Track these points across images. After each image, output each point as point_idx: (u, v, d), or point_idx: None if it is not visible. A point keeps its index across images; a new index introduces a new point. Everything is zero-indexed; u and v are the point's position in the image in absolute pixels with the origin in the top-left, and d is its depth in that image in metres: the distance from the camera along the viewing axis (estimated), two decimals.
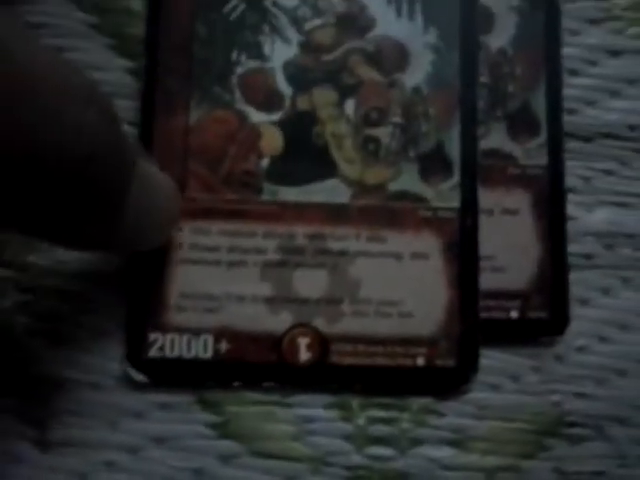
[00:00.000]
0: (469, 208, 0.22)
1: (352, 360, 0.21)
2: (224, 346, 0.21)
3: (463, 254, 0.22)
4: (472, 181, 0.22)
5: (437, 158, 0.22)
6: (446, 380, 0.22)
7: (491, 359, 0.22)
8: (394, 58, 0.23)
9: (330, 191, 0.22)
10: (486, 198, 0.22)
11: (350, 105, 0.22)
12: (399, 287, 0.22)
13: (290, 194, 0.22)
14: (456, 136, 0.22)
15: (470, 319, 0.22)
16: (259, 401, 0.21)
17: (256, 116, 0.22)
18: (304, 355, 0.21)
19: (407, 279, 0.22)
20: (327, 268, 0.22)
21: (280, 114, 0.22)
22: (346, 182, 0.22)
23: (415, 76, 0.23)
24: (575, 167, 0.23)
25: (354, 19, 0.23)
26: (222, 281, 0.21)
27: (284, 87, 0.22)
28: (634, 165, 0.24)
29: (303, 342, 0.21)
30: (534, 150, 0.23)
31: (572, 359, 0.22)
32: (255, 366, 0.21)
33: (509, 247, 0.22)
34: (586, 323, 0.23)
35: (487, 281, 0.22)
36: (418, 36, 0.23)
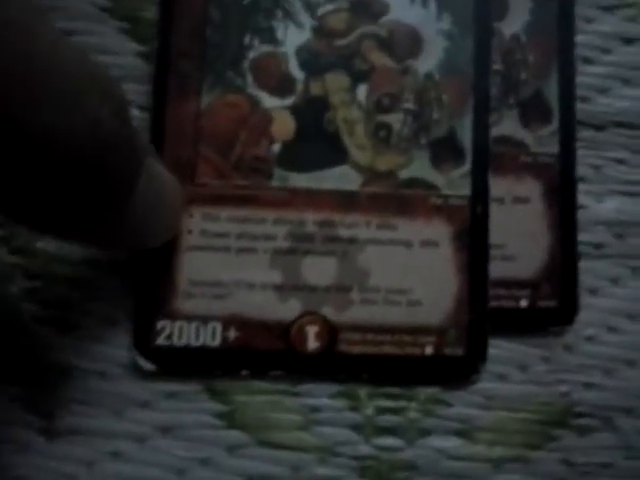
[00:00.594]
0: (480, 196, 0.22)
1: (360, 349, 0.21)
2: (232, 334, 0.21)
3: (473, 242, 0.22)
4: (483, 169, 0.22)
5: (449, 145, 0.22)
6: (454, 369, 0.21)
7: (499, 349, 0.22)
8: (407, 44, 0.23)
9: (341, 178, 0.22)
10: (497, 186, 0.22)
11: (362, 91, 0.22)
12: (408, 275, 0.22)
13: (300, 180, 0.22)
14: (468, 123, 0.22)
15: (479, 308, 0.21)
16: (267, 390, 0.21)
17: (268, 101, 0.22)
18: (312, 343, 0.21)
19: (417, 267, 0.22)
20: (336, 256, 0.21)
21: (292, 99, 0.22)
22: (357, 169, 0.22)
23: (428, 62, 0.22)
24: (586, 156, 0.23)
25: (367, 4, 0.23)
26: (231, 268, 0.21)
27: (297, 72, 0.22)
28: None
29: (311, 330, 0.21)
30: (546, 138, 0.23)
31: (581, 349, 0.22)
32: (263, 354, 0.21)
33: (519, 235, 0.22)
34: (595, 313, 0.23)
35: (497, 270, 0.22)
36: (431, 22, 0.23)
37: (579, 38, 0.23)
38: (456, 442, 0.22)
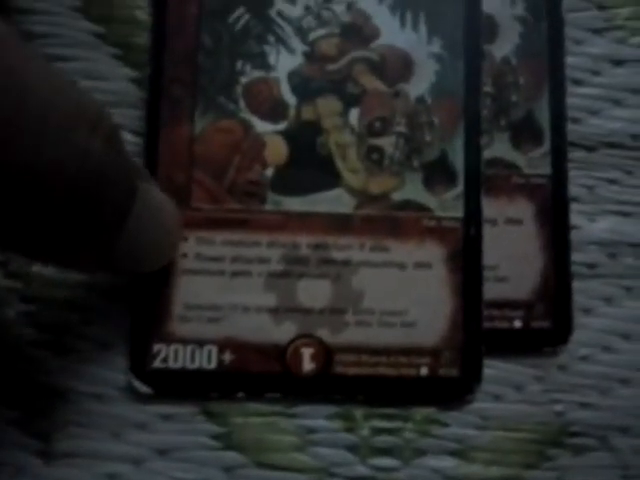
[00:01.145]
0: (473, 218, 0.22)
1: (356, 370, 0.21)
2: (228, 357, 0.21)
3: (467, 264, 0.22)
4: (476, 191, 0.22)
5: (441, 168, 0.22)
6: (449, 390, 0.22)
7: (494, 369, 0.22)
8: (398, 68, 0.23)
9: (334, 201, 0.22)
10: (490, 207, 0.22)
11: (354, 115, 0.22)
12: (402, 297, 0.22)
13: (294, 204, 0.22)
14: (460, 146, 0.22)
15: (473, 329, 0.22)
16: (263, 412, 0.21)
17: (261, 126, 0.22)
18: (308, 365, 0.21)
19: (410, 289, 0.22)
20: (331, 278, 0.22)
21: (285, 124, 0.22)
22: (350, 192, 0.22)
23: (419, 86, 0.23)
24: (579, 176, 0.23)
25: (358, 29, 0.23)
26: (226, 291, 0.21)
27: (289, 97, 0.22)
28: (637, 174, 0.24)
29: (307, 352, 0.21)
30: (537, 159, 0.23)
31: (575, 368, 0.22)
32: (259, 377, 0.21)
33: (512, 257, 0.22)
34: (589, 332, 0.23)
35: (490, 291, 0.22)
36: (422, 46, 0.23)
37: (569, 60, 0.24)
38: (452, 462, 0.22)
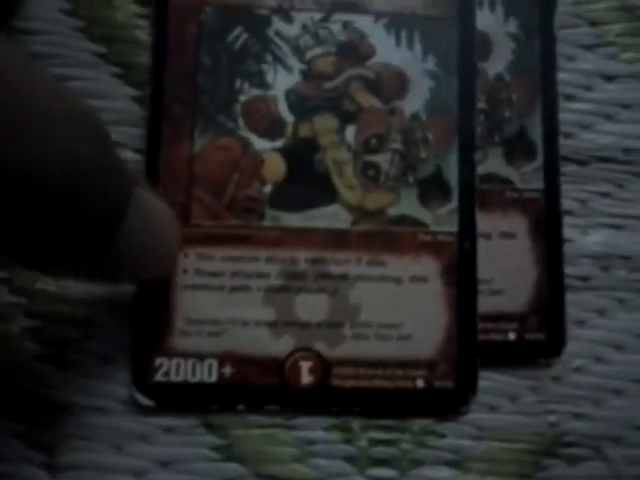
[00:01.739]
0: (467, 232, 0.23)
1: (353, 383, 0.22)
2: (228, 370, 0.22)
3: (461, 277, 0.22)
4: (470, 206, 0.23)
5: (436, 183, 0.23)
6: (445, 402, 0.22)
7: (489, 380, 0.22)
8: (393, 85, 0.23)
9: (331, 216, 0.22)
10: (484, 222, 0.23)
11: (350, 132, 0.23)
12: (399, 310, 0.22)
13: (292, 220, 0.22)
14: (454, 161, 0.23)
15: (468, 342, 0.22)
16: (262, 424, 0.22)
17: (259, 143, 0.23)
18: (306, 378, 0.22)
19: (406, 302, 0.22)
20: (328, 292, 0.22)
21: (282, 141, 0.23)
22: (347, 208, 0.23)
23: (414, 103, 0.23)
24: (571, 190, 0.24)
25: (354, 47, 0.23)
26: (226, 306, 0.22)
27: (286, 115, 0.23)
28: (629, 187, 0.24)
29: (305, 366, 0.22)
30: (530, 174, 0.23)
31: (569, 380, 0.23)
32: (258, 389, 0.22)
33: (506, 270, 0.23)
34: (583, 344, 0.23)
35: (485, 304, 0.22)
36: (417, 63, 0.23)
37: (561, 76, 0.24)
38: (448, 472, 0.22)
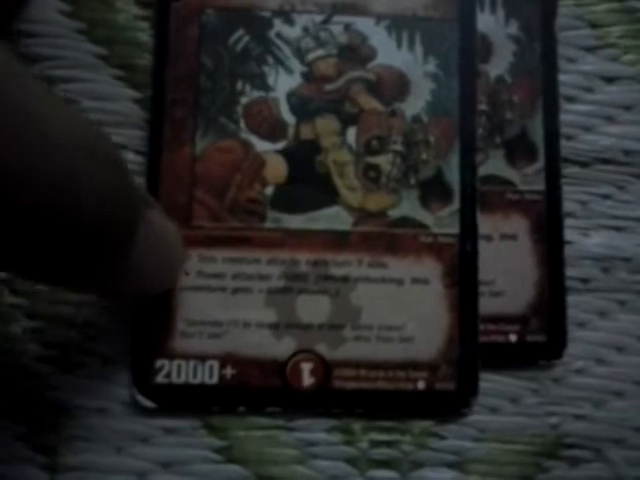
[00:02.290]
0: (469, 234, 0.23)
1: (354, 385, 0.22)
2: (229, 372, 0.22)
3: (463, 279, 0.22)
4: (471, 207, 0.23)
5: (437, 185, 0.23)
6: (446, 403, 0.22)
7: (491, 382, 0.22)
8: (394, 87, 0.23)
9: (332, 218, 0.22)
10: (485, 223, 0.23)
11: (352, 134, 0.23)
12: (400, 312, 0.22)
13: (293, 221, 0.22)
14: (455, 163, 0.23)
15: (470, 343, 0.22)
16: (264, 425, 0.22)
17: (260, 145, 0.23)
18: (307, 380, 0.22)
19: (408, 304, 0.22)
20: (329, 294, 0.22)
21: (284, 143, 0.23)
22: (348, 209, 0.23)
23: (415, 105, 0.23)
24: (573, 192, 0.24)
25: (355, 49, 0.23)
26: (227, 307, 0.22)
27: (288, 116, 0.23)
28: (630, 189, 0.24)
29: (306, 367, 0.22)
30: (532, 176, 0.23)
31: (570, 381, 0.23)
32: (260, 391, 0.22)
33: (508, 272, 0.23)
34: (584, 345, 0.23)
35: (486, 305, 0.22)
36: (418, 65, 0.23)
37: (562, 78, 0.24)
38: (449, 474, 0.22)
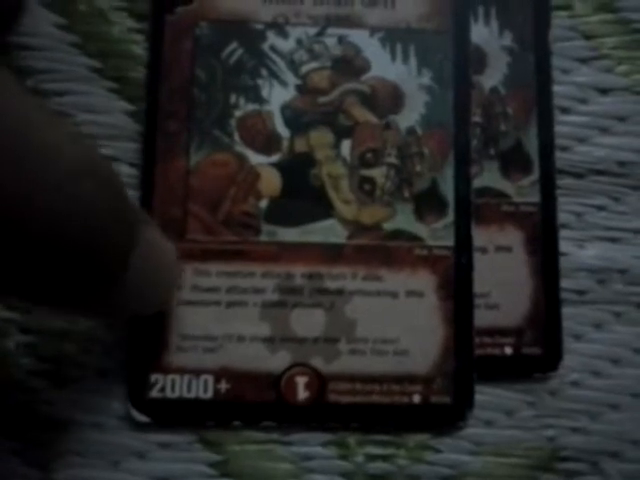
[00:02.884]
0: (463, 246, 0.22)
1: (349, 398, 0.22)
2: (224, 386, 0.21)
3: (458, 292, 0.22)
4: (466, 220, 0.23)
5: (431, 197, 0.23)
6: (442, 417, 0.22)
7: (486, 395, 0.22)
8: (389, 100, 0.23)
9: (327, 231, 0.22)
10: (480, 236, 0.23)
11: (346, 146, 0.23)
12: (395, 325, 0.22)
13: (288, 234, 0.22)
14: (450, 176, 0.23)
15: (465, 356, 0.22)
16: (259, 440, 0.22)
17: (255, 158, 0.23)
18: (302, 394, 0.22)
19: (403, 317, 0.22)
20: (324, 307, 0.22)
21: (278, 156, 0.23)
22: (343, 222, 0.23)
23: (409, 117, 0.23)
24: (568, 203, 0.24)
25: (349, 62, 0.23)
26: (222, 321, 0.22)
27: (282, 129, 0.23)
28: (625, 200, 0.24)
29: (301, 381, 0.22)
30: (527, 188, 0.23)
31: (566, 394, 0.23)
32: (254, 405, 0.22)
33: (503, 284, 0.23)
34: (579, 358, 0.23)
35: (481, 318, 0.22)
36: (412, 78, 0.23)
37: (556, 89, 0.24)
38: None
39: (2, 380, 0.22)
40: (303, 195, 0.23)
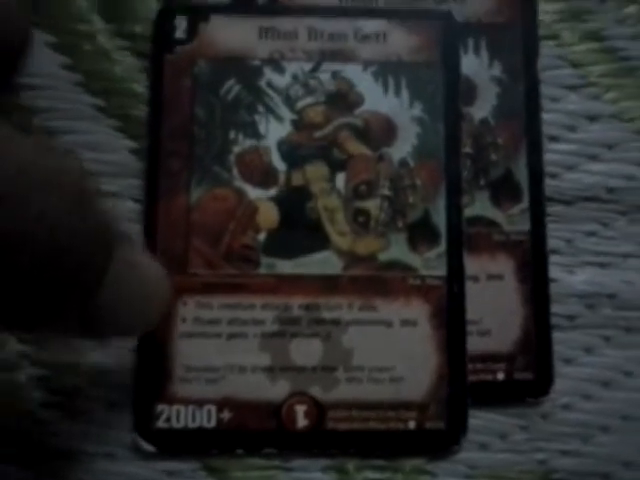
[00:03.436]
0: (456, 275, 0.23)
1: (347, 425, 0.22)
2: (226, 415, 0.22)
3: (451, 320, 0.23)
4: (458, 249, 0.23)
5: (424, 228, 0.24)
6: (437, 442, 0.23)
7: (480, 419, 0.23)
8: (382, 132, 0.24)
9: (323, 263, 0.23)
10: (472, 264, 0.23)
11: (341, 179, 0.24)
12: (390, 353, 0.23)
13: (286, 267, 0.23)
14: (442, 206, 0.24)
15: (458, 383, 0.23)
16: (261, 466, 0.23)
17: (253, 192, 0.24)
18: (302, 422, 0.22)
19: (398, 345, 0.23)
20: (321, 337, 0.23)
21: (275, 190, 0.24)
22: (338, 253, 0.23)
23: (402, 149, 0.24)
24: (558, 229, 0.24)
25: (343, 96, 0.24)
26: (223, 353, 0.23)
27: (279, 164, 0.24)
28: (614, 226, 0.25)
29: (301, 409, 0.22)
30: (517, 216, 0.24)
31: (557, 417, 0.23)
32: (256, 433, 0.22)
33: (494, 311, 0.23)
34: (570, 381, 0.24)
35: (474, 345, 0.23)
36: (404, 110, 0.24)
37: (546, 117, 0.25)
38: None
39: (14, 411, 0.23)
40: (300, 227, 0.23)
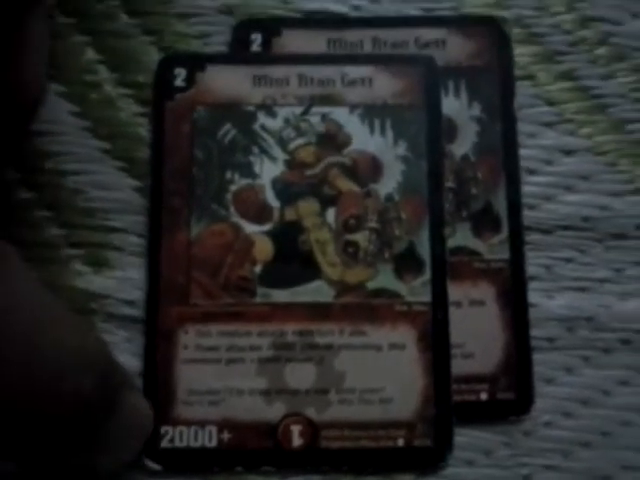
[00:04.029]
0: (440, 302, 0.25)
1: (340, 444, 0.24)
2: (226, 435, 0.24)
3: (436, 343, 0.25)
4: (442, 277, 0.25)
5: (410, 258, 0.25)
6: (424, 459, 0.24)
7: (465, 436, 0.24)
8: (369, 170, 0.26)
9: (316, 291, 0.25)
10: (455, 291, 0.25)
11: (331, 214, 0.26)
12: (380, 376, 0.24)
13: (281, 296, 0.25)
14: (426, 237, 0.25)
15: (444, 403, 0.24)
16: None
17: (249, 227, 0.25)
18: (297, 441, 0.24)
19: (386, 368, 0.24)
20: (315, 361, 0.24)
21: (270, 225, 0.25)
22: (330, 283, 0.25)
23: (388, 185, 0.26)
24: (537, 257, 0.26)
25: (332, 137, 0.26)
26: (223, 377, 0.24)
27: (273, 201, 0.26)
28: (590, 252, 0.26)
29: (296, 429, 0.24)
30: (497, 245, 0.26)
31: (539, 434, 0.25)
32: (254, 452, 0.24)
33: (477, 335, 0.25)
34: (551, 400, 0.25)
35: (458, 367, 0.24)
36: (389, 149, 0.26)
37: (524, 152, 0.27)
38: None
39: None
40: (293, 259, 0.25)
